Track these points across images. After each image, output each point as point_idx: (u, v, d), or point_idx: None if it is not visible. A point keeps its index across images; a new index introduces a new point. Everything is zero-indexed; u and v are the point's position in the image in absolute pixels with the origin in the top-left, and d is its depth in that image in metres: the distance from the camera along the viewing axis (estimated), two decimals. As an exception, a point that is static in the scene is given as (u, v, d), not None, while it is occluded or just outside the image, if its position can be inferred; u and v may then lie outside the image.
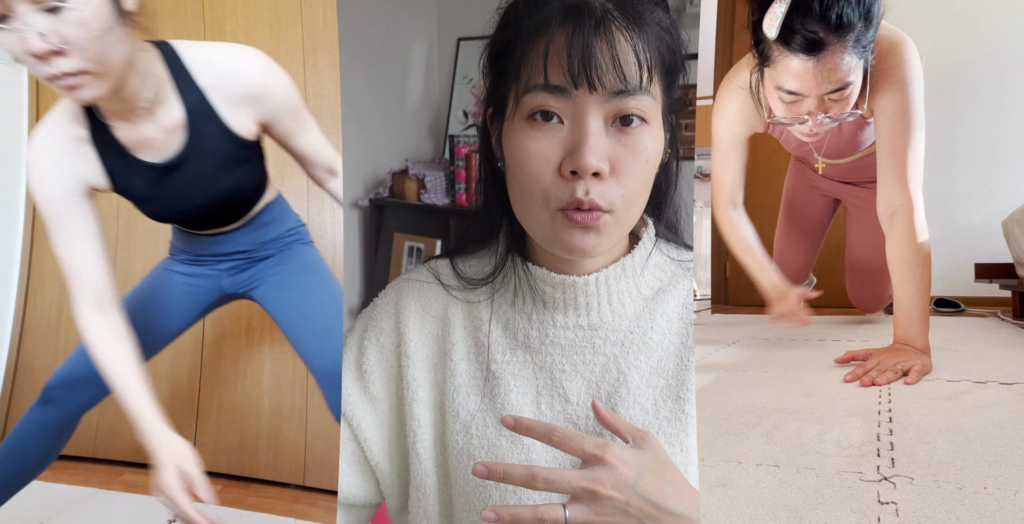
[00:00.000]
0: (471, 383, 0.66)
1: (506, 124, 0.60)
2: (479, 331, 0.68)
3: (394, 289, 0.72)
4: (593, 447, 0.52)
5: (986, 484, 0.71)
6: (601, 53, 0.54)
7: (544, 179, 0.56)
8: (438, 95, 2.40)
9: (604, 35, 0.54)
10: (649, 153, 0.57)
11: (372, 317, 0.71)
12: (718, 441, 0.91)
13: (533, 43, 0.56)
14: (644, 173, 0.58)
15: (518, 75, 0.57)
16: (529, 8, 0.57)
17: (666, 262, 0.68)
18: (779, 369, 1.34)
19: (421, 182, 2.28)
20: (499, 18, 0.61)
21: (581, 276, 0.64)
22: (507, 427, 0.55)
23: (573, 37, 0.54)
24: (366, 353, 0.70)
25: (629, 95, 0.55)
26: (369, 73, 2.13)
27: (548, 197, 0.57)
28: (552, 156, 0.56)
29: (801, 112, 1.30)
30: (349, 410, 0.68)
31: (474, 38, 0.61)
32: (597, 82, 0.54)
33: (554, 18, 0.55)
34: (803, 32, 1.16)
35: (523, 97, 0.57)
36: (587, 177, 0.55)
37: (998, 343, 1.62)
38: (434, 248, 2.18)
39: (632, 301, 0.66)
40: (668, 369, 0.64)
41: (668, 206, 0.69)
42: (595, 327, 0.65)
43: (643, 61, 0.55)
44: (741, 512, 0.70)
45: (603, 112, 0.55)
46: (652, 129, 0.58)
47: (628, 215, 0.59)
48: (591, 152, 0.54)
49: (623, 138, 0.56)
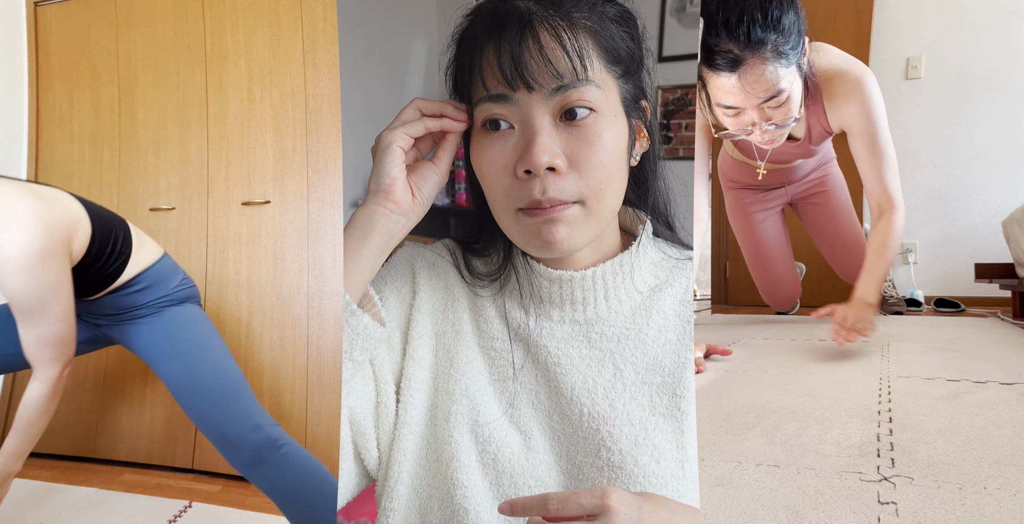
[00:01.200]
0: (478, 366, 0.67)
1: (471, 138, 0.63)
2: (482, 319, 0.69)
3: (408, 252, 0.73)
4: (592, 500, 0.51)
5: (986, 484, 0.71)
6: (529, 54, 0.56)
7: (503, 184, 0.59)
8: (438, 95, 2.40)
9: (529, 37, 0.57)
10: (604, 141, 0.58)
11: (390, 270, 0.72)
12: (718, 441, 0.91)
13: (470, 60, 0.60)
14: (605, 161, 0.59)
15: (468, 92, 0.61)
16: (464, 28, 0.61)
17: (663, 259, 0.69)
18: (779, 369, 1.34)
19: (421, 182, 2.28)
20: (450, 41, 0.64)
21: (578, 271, 0.65)
22: (504, 514, 0.54)
23: (500, 46, 0.57)
24: (387, 300, 0.69)
25: (570, 88, 0.57)
26: (369, 73, 2.13)
27: (509, 199, 0.59)
28: (507, 160, 0.59)
29: (745, 123, 1.38)
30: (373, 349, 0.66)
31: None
32: (532, 81, 0.57)
33: (482, 32, 0.59)
34: (719, 52, 1.24)
35: (474, 110, 0.60)
36: (541, 175, 0.57)
37: (998, 343, 1.62)
38: (434, 248, 2.18)
39: (628, 297, 0.66)
40: (664, 366, 0.64)
41: (658, 202, 0.69)
42: (591, 322, 0.66)
43: (573, 52, 0.57)
44: (741, 512, 0.70)
45: (548, 109, 0.57)
46: (605, 117, 0.59)
47: (601, 205, 0.60)
48: (541, 149, 0.56)
49: (573, 131, 0.58)
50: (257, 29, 2.30)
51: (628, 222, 0.70)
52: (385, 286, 0.70)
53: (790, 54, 1.27)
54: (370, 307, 0.66)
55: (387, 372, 0.68)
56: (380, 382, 0.67)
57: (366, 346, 0.65)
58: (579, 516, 0.51)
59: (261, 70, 2.29)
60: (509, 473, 0.63)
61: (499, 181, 0.59)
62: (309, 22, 2.24)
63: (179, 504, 1.93)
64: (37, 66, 2.64)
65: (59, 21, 2.61)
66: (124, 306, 1.38)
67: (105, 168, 2.54)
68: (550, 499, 0.52)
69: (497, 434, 0.64)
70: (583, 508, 0.51)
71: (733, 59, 1.24)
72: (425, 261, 0.72)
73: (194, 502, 1.95)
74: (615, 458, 0.62)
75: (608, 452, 0.62)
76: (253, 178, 2.30)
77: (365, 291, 0.65)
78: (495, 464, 0.64)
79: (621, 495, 0.51)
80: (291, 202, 2.24)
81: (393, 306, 0.69)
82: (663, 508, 0.54)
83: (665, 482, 0.61)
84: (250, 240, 2.28)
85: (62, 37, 2.60)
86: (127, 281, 1.36)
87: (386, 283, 0.70)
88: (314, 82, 2.23)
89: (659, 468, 0.61)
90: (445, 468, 0.64)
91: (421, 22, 1.33)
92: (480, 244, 0.72)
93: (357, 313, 0.63)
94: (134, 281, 1.37)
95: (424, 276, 0.71)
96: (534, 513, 0.52)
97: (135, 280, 1.37)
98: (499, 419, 0.65)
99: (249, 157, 2.31)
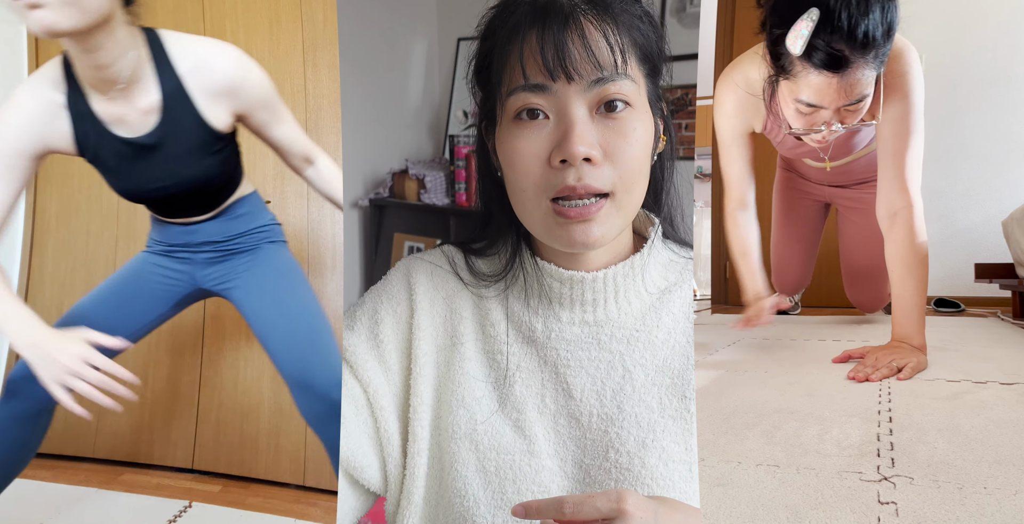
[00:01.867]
0: (478, 373, 0.67)
1: (498, 130, 0.62)
2: (487, 322, 0.68)
3: (405, 266, 0.73)
4: (607, 503, 0.51)
5: (986, 484, 0.71)
6: (573, 44, 0.56)
7: (535, 173, 0.58)
8: (438, 95, 2.39)
9: (574, 28, 0.57)
10: (639, 135, 0.58)
11: (386, 288, 0.71)
12: (718, 441, 0.91)
13: (509, 48, 0.59)
14: (638, 154, 0.59)
15: (500, 80, 0.60)
16: (502, 18, 0.60)
17: (672, 261, 0.69)
18: (779, 369, 1.34)
19: (421, 182, 2.28)
20: (478, 33, 0.64)
21: (589, 272, 0.64)
22: (518, 516, 0.54)
23: (544, 34, 0.57)
24: (382, 322, 0.69)
25: (608, 81, 0.57)
26: (369, 73, 2.13)
27: (540, 189, 0.58)
28: (541, 150, 0.58)
29: (817, 122, 1.31)
30: (366, 377, 0.68)
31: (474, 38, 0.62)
32: (574, 72, 0.56)
33: (524, 21, 0.58)
34: (828, 49, 1.16)
35: (507, 100, 0.59)
36: (577, 164, 0.56)
37: (998, 343, 1.62)
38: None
39: (639, 299, 0.66)
40: (673, 368, 0.64)
41: (667, 202, 0.70)
42: (601, 323, 0.65)
43: (615, 46, 0.57)
44: (741, 512, 0.70)
45: (586, 101, 0.57)
46: (639, 112, 0.59)
47: (629, 200, 0.60)
48: (578, 139, 0.56)
49: (610, 123, 0.58)
50: (257, 29, 2.30)
51: (638, 223, 0.70)
52: (381, 306, 0.70)
53: (883, 59, 1.22)
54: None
55: (382, 397, 0.68)
56: (375, 408, 0.68)
57: (352, 372, 0.69)
58: (594, 519, 0.51)
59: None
60: (512, 480, 0.63)
61: (531, 170, 0.58)
62: (309, 22, 2.24)
63: (179, 504, 1.93)
64: (37, 66, 2.64)
65: (59, 21, 2.61)
66: (226, 234, 1.35)
67: (105, 168, 2.53)
68: (565, 502, 0.51)
69: (498, 441, 0.64)
70: (599, 511, 0.50)
71: (840, 58, 1.17)
72: (422, 273, 0.71)
73: (194, 502, 1.95)
74: (623, 460, 0.62)
75: (616, 454, 0.62)
76: (253, 178, 2.29)
77: (354, 313, 0.69)
78: (498, 472, 0.63)
79: (637, 499, 0.51)
80: (291, 202, 2.24)
81: (389, 327, 0.69)
82: (678, 511, 0.54)
83: (673, 484, 0.61)
84: (250, 240, 2.28)
85: (62, 37, 2.60)
86: (235, 201, 1.35)
87: (382, 302, 0.70)
88: (314, 82, 2.23)
89: (667, 470, 0.61)
90: (449, 479, 0.64)
91: (421, 22, 1.33)
92: (485, 243, 0.72)
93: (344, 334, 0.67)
94: (238, 204, 1.36)
95: (421, 290, 0.70)
96: (549, 516, 0.52)
97: (239, 203, 1.36)
98: (500, 425, 0.65)
99: (249, 157, 2.30)
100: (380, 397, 0.67)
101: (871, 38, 1.15)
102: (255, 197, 1.43)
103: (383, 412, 0.67)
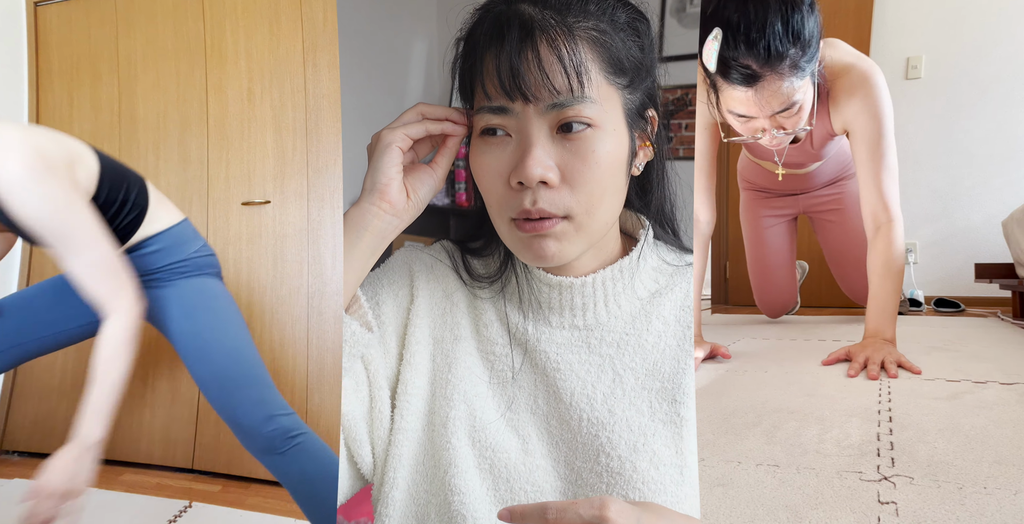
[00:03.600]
0: (476, 371, 0.67)
1: (471, 141, 0.63)
2: (481, 322, 0.69)
3: (405, 254, 0.72)
4: (590, 510, 0.51)
5: (986, 484, 0.71)
6: (527, 69, 0.56)
7: (497, 192, 0.59)
8: (438, 95, 2.40)
9: (529, 50, 0.56)
10: (599, 156, 0.58)
11: (387, 273, 0.71)
12: (718, 441, 0.91)
13: (471, 65, 0.60)
14: (599, 177, 0.58)
15: (470, 98, 0.61)
16: (468, 34, 0.61)
17: (663, 265, 0.68)
18: (779, 369, 1.34)
19: (421, 182, 2.28)
20: (452, 46, 0.64)
21: (578, 277, 0.65)
22: (503, 520, 0.54)
23: (500, 56, 0.57)
24: (383, 304, 0.69)
25: (566, 105, 0.56)
26: (369, 73, 2.13)
27: (502, 207, 0.60)
28: (502, 168, 0.59)
29: (756, 129, 1.36)
30: (367, 355, 0.67)
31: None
32: (530, 94, 0.56)
33: (481, 40, 0.58)
34: (737, 67, 1.19)
35: (474, 118, 0.61)
36: (534, 186, 0.57)
37: (998, 343, 1.62)
38: (434, 248, 2.19)
39: (628, 303, 0.66)
40: (664, 372, 0.64)
41: (662, 207, 0.69)
42: (590, 328, 0.65)
43: (570, 69, 0.56)
44: (741, 512, 0.70)
45: (545, 122, 0.57)
46: (603, 132, 0.58)
47: (592, 221, 0.60)
48: (534, 162, 0.56)
49: (568, 145, 0.57)
50: (257, 29, 2.30)
51: (630, 226, 0.69)
52: (382, 289, 0.70)
53: (807, 66, 1.24)
54: (357, 311, 0.66)
55: (381, 377, 0.67)
56: (374, 387, 0.67)
57: (353, 352, 0.65)
58: None
59: (261, 70, 2.29)
60: (506, 478, 0.63)
61: (494, 189, 0.60)
62: (309, 22, 2.24)
63: (179, 504, 1.93)
64: (37, 66, 2.64)
65: (59, 21, 2.61)
66: (139, 270, 1.31)
67: (105, 168, 2.53)
68: (549, 508, 0.52)
69: (495, 439, 0.64)
70: (581, 518, 0.51)
71: (750, 75, 1.20)
72: (423, 264, 0.71)
73: (194, 502, 1.95)
74: (614, 464, 0.62)
75: (607, 458, 0.62)
76: (253, 178, 2.30)
77: (355, 294, 0.65)
78: (492, 469, 0.64)
79: (619, 506, 0.51)
80: (291, 202, 2.25)
81: (389, 310, 0.69)
82: (661, 518, 0.54)
83: (664, 488, 0.61)
84: (250, 240, 2.28)
85: (62, 37, 2.60)
86: (143, 239, 1.30)
87: (383, 286, 0.70)
88: (314, 82, 2.23)
89: (658, 474, 0.61)
90: (443, 474, 0.64)
91: (421, 22, 1.33)
92: (480, 244, 0.72)
93: (344, 318, 0.64)
94: (150, 241, 1.31)
95: (422, 280, 0.70)
96: (532, 522, 0.52)
97: (151, 240, 1.31)
98: (497, 423, 0.65)
99: (249, 157, 2.31)
100: (378, 376, 0.67)
101: (774, 52, 1.17)
102: (174, 232, 1.36)
103: (379, 392, 0.67)
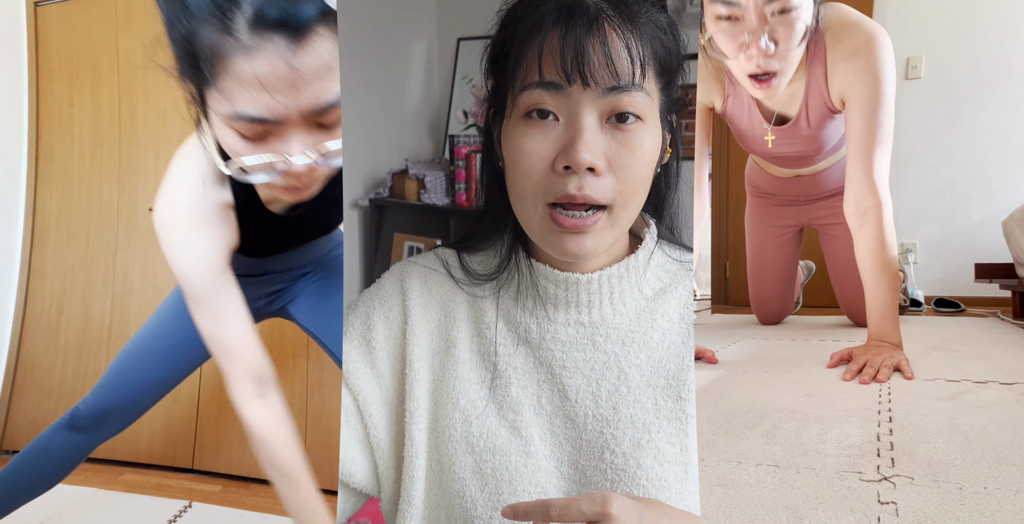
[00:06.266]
0: (473, 374, 0.67)
1: (505, 123, 0.61)
2: (482, 323, 0.68)
3: (399, 271, 0.72)
4: (592, 506, 0.51)
5: (986, 484, 0.71)
6: (593, 50, 0.55)
7: (537, 175, 0.58)
8: (438, 95, 2.39)
9: (596, 32, 0.56)
10: (645, 150, 0.58)
11: (379, 293, 0.71)
12: (718, 441, 0.91)
13: (529, 42, 0.58)
14: (641, 170, 0.59)
15: (515, 74, 0.59)
16: (525, 9, 0.59)
17: (668, 262, 0.69)
18: (779, 369, 1.34)
19: (421, 182, 2.28)
20: (498, 21, 0.63)
21: (584, 274, 0.64)
22: (507, 518, 0.55)
23: (566, 35, 0.56)
24: (374, 328, 0.69)
25: (623, 91, 0.56)
26: (369, 73, 2.13)
27: (539, 192, 0.58)
28: (546, 152, 0.57)
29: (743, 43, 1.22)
30: (356, 385, 0.68)
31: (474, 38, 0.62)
32: (590, 78, 0.56)
33: (548, 17, 0.57)
34: None
35: (520, 95, 0.58)
36: (581, 172, 0.56)
37: (998, 343, 1.62)
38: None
39: (634, 300, 0.66)
40: (669, 369, 0.64)
41: (668, 207, 0.69)
42: (596, 325, 0.65)
43: (635, 57, 0.56)
44: (741, 512, 0.70)
45: (597, 109, 0.57)
46: (648, 126, 0.58)
47: (625, 213, 0.60)
48: (585, 147, 0.56)
49: (619, 135, 0.57)
50: (257, 29, 2.30)
51: (635, 225, 0.70)
52: (373, 312, 0.70)
53: None
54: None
55: (372, 404, 0.68)
56: (365, 415, 0.68)
57: (345, 381, 0.69)
58: (580, 522, 0.51)
59: (261, 70, 2.29)
60: (509, 481, 0.63)
61: (533, 172, 0.58)
62: (309, 22, 2.24)
63: (179, 504, 1.93)
64: (37, 66, 2.64)
65: (59, 21, 2.61)
66: (303, 260, 1.25)
67: (105, 168, 2.53)
68: (551, 505, 0.52)
69: (494, 442, 0.64)
70: (584, 514, 0.51)
71: None
72: (416, 278, 0.71)
73: (194, 502, 1.95)
74: (618, 461, 0.62)
75: (612, 455, 0.62)
76: (253, 178, 2.29)
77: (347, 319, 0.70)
78: (494, 473, 0.63)
79: (622, 502, 0.51)
80: (291, 202, 2.24)
81: (382, 333, 0.69)
82: (664, 516, 0.54)
83: (668, 485, 0.61)
84: (250, 240, 2.28)
85: (62, 37, 2.60)
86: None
87: (374, 308, 0.70)
88: (314, 82, 2.23)
89: (662, 471, 0.61)
90: (449, 481, 0.65)
91: (421, 22, 1.33)
92: (481, 239, 0.72)
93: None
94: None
95: (415, 295, 0.70)
96: (536, 519, 0.52)
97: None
98: (496, 425, 0.65)
99: (249, 157, 2.31)
100: (370, 404, 0.68)
101: None
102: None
103: (372, 419, 0.68)
